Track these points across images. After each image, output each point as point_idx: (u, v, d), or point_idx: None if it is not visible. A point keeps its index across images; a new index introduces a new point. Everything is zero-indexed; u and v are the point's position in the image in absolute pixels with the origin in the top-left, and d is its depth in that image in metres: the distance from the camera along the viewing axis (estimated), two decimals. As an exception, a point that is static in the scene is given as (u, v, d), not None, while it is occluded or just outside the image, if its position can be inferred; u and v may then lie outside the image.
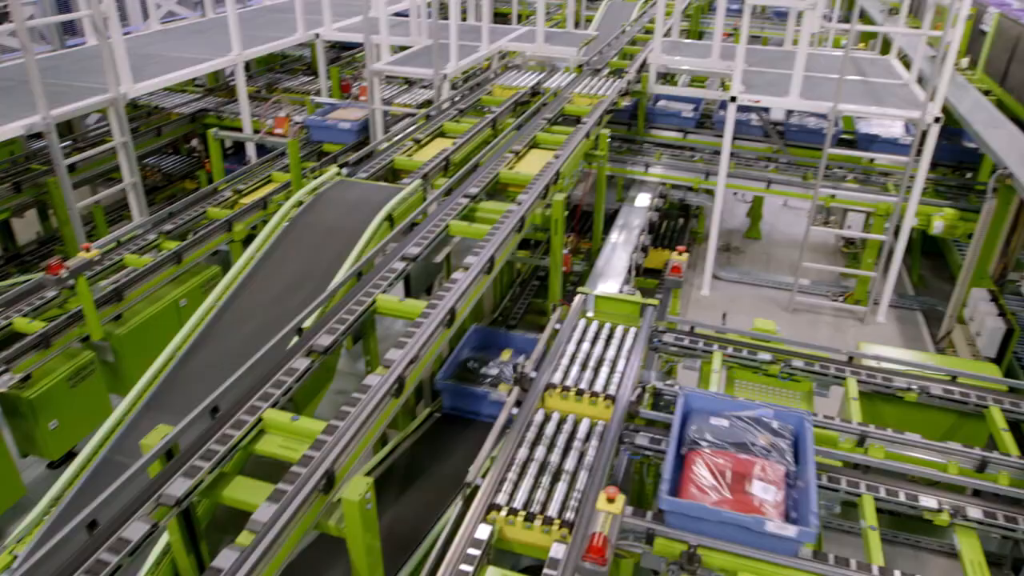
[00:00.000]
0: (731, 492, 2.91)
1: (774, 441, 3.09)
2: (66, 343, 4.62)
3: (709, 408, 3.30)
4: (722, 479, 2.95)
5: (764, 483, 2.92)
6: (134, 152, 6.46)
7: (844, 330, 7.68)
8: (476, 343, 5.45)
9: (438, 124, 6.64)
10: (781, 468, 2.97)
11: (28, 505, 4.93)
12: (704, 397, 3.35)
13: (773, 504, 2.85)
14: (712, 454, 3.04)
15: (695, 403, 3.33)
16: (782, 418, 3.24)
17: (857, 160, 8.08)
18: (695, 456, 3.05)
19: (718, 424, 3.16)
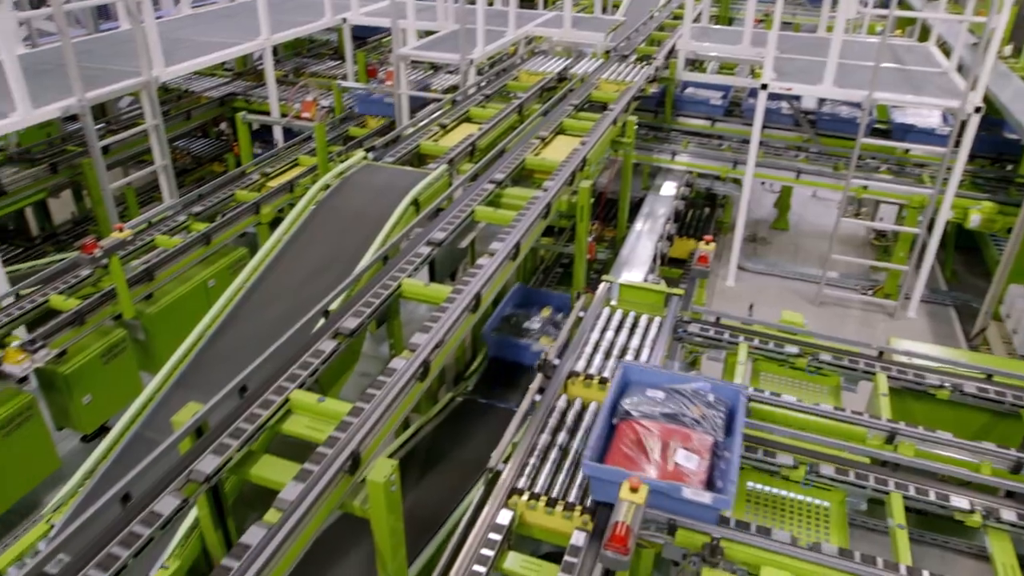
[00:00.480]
0: (655, 460, 2.95)
1: (707, 413, 3.11)
2: (99, 321, 4.72)
3: (647, 380, 3.30)
4: (648, 448, 2.98)
5: (688, 452, 2.96)
6: (165, 135, 6.54)
7: (873, 325, 7.56)
8: (518, 300, 6.14)
9: (464, 109, 6.62)
10: (708, 439, 3.01)
11: (63, 477, 5.08)
12: (643, 370, 3.34)
13: (694, 472, 2.89)
14: (642, 424, 3.06)
15: (633, 375, 3.32)
16: (719, 391, 3.25)
17: (891, 150, 7.90)
18: (625, 426, 3.07)
19: (653, 396, 3.16)
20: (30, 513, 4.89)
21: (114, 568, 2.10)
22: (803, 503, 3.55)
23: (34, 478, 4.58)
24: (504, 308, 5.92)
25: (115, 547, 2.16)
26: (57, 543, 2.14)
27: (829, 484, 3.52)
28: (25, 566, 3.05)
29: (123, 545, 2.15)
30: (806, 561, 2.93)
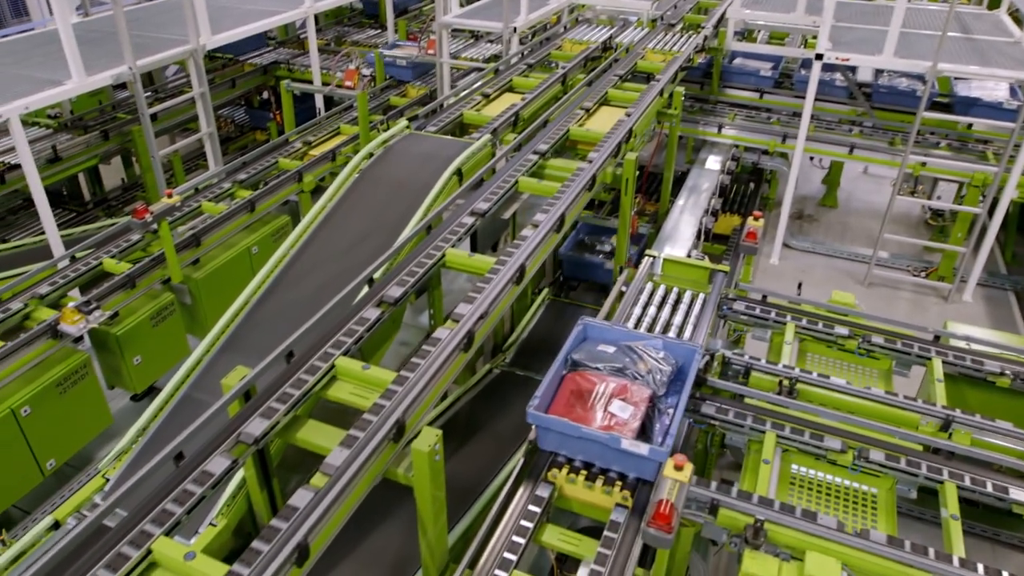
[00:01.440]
0: (594, 410, 2.99)
1: (652, 367, 3.12)
2: (149, 284, 4.82)
3: (603, 337, 3.33)
4: (590, 398, 3.02)
5: (623, 403, 2.99)
6: (211, 102, 6.60)
7: (925, 308, 7.31)
8: (588, 231, 6.79)
9: (507, 79, 6.52)
10: (647, 391, 3.03)
11: (114, 433, 5.27)
12: (601, 327, 3.37)
13: (625, 422, 2.93)
14: (587, 376, 3.09)
15: (592, 332, 3.37)
16: (671, 349, 3.28)
17: (952, 125, 7.55)
18: (572, 377, 3.11)
19: (604, 350, 3.20)
20: (84, 466, 5.09)
21: (168, 524, 2.16)
22: (850, 488, 3.47)
23: (88, 433, 4.74)
24: (577, 234, 6.64)
25: (169, 504, 2.21)
26: (114, 499, 2.20)
27: (878, 470, 3.44)
28: (83, 517, 3.17)
29: (177, 502, 2.20)
30: (853, 548, 2.87)
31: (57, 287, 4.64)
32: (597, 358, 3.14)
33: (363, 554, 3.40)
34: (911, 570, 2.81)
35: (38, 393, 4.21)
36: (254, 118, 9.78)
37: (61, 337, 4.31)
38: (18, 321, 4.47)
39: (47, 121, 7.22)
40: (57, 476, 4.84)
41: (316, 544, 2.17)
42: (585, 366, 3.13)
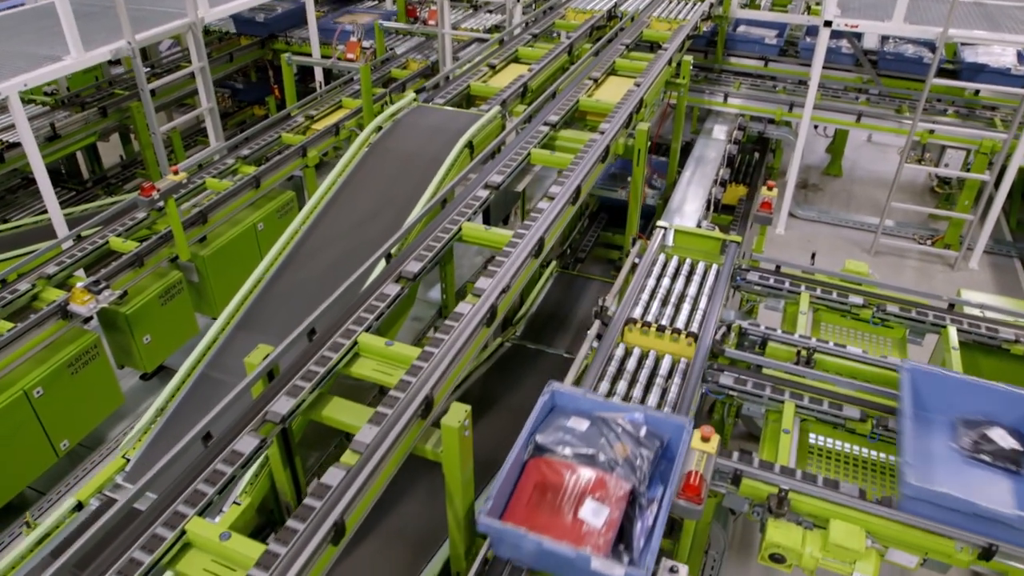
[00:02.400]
0: (562, 513, 2.40)
1: (633, 452, 2.54)
2: (157, 262, 4.77)
3: (575, 407, 2.76)
4: (556, 496, 2.44)
5: (598, 505, 2.40)
6: (211, 77, 6.48)
7: (931, 276, 7.31)
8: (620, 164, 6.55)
9: (512, 49, 6.41)
10: (627, 486, 2.43)
11: (124, 413, 5.26)
12: (572, 396, 2.79)
13: (599, 532, 2.35)
14: (554, 465, 2.50)
15: (561, 401, 2.80)
16: (655, 425, 2.68)
17: (959, 92, 7.48)
18: (537, 464, 2.54)
19: (575, 427, 2.62)
20: (97, 446, 5.09)
21: (201, 504, 2.15)
22: (868, 457, 3.48)
23: (100, 413, 4.73)
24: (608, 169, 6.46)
25: (201, 484, 2.20)
26: (144, 481, 2.19)
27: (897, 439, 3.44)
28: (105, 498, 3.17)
29: (208, 483, 2.19)
30: (876, 515, 2.88)
31: (64, 267, 4.59)
32: (566, 441, 2.56)
33: (385, 530, 3.41)
34: (934, 536, 2.83)
35: (50, 374, 4.18)
36: (245, 93, 9.62)
37: (71, 317, 4.27)
38: (26, 302, 4.43)
39: (44, 98, 7.08)
40: (70, 456, 4.84)
41: (351, 521, 2.16)
42: (552, 452, 2.56)
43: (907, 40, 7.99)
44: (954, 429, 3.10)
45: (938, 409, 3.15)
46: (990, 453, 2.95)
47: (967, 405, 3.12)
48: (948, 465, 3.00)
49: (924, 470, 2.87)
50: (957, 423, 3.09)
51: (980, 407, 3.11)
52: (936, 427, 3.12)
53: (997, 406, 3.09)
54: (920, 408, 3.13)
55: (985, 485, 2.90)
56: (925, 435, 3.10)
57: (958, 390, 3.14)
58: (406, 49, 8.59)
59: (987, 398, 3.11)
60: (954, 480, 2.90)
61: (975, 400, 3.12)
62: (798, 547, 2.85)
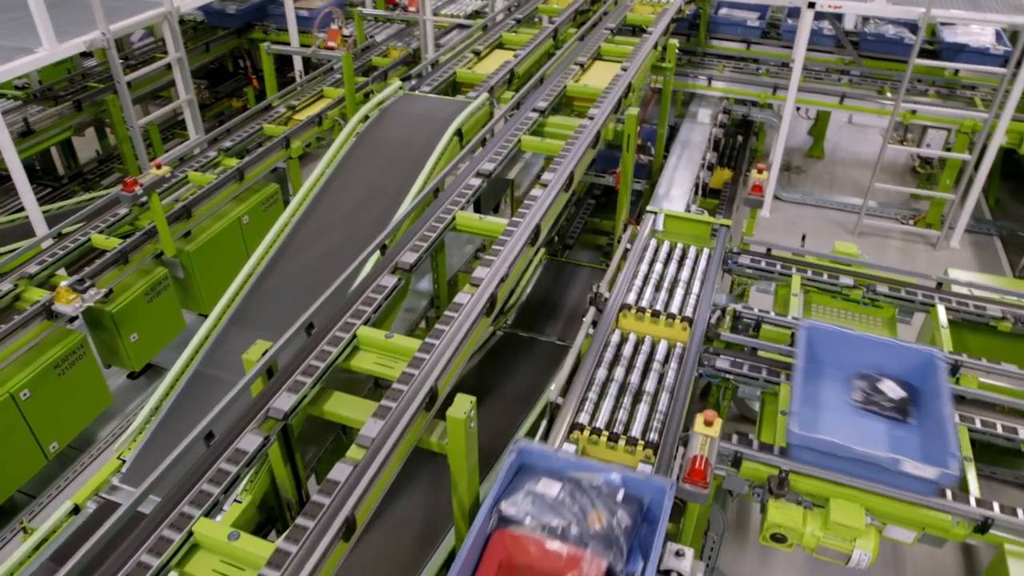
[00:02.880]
0: None
1: (610, 522, 2.27)
2: (142, 259, 4.69)
3: (545, 466, 2.48)
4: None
5: None
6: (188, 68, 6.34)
7: (914, 255, 7.41)
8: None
9: (496, 35, 6.35)
10: (603, 563, 2.19)
11: (113, 413, 5.18)
12: (542, 454, 2.53)
13: None
14: (521, 540, 2.23)
15: (529, 460, 2.51)
16: (632, 487, 2.42)
17: (939, 72, 7.54)
18: (501, 539, 2.27)
19: (545, 492, 2.34)
20: (86, 447, 5.01)
21: (207, 504, 2.11)
22: (862, 435, 3.52)
23: (89, 414, 4.66)
24: None
25: (206, 484, 2.16)
26: (149, 483, 2.15)
27: (891, 416, 3.49)
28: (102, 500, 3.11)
29: (213, 482, 2.16)
30: (875, 493, 2.92)
31: (46, 266, 4.49)
32: (534, 511, 2.27)
33: (387, 522, 3.40)
34: (931, 511, 2.88)
35: (36, 376, 4.10)
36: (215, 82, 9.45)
37: (56, 318, 4.18)
38: (8, 303, 4.33)
39: (14, 93, 6.89)
40: (60, 459, 4.76)
41: (361, 516, 2.15)
42: (519, 523, 2.26)
43: (887, 21, 8.03)
44: (850, 383, 3.23)
45: (837, 365, 3.26)
46: (880, 403, 3.09)
47: (863, 360, 3.24)
48: (840, 416, 3.13)
49: (810, 420, 3.00)
50: (853, 377, 3.22)
51: (874, 361, 3.23)
52: (834, 382, 3.24)
53: (889, 359, 3.22)
54: (820, 364, 3.26)
55: (873, 433, 3.04)
56: (824, 389, 3.23)
57: (854, 346, 3.26)
58: (386, 37, 8.47)
59: (880, 352, 3.24)
60: (844, 429, 3.02)
61: (870, 355, 3.24)
62: (799, 527, 2.88)
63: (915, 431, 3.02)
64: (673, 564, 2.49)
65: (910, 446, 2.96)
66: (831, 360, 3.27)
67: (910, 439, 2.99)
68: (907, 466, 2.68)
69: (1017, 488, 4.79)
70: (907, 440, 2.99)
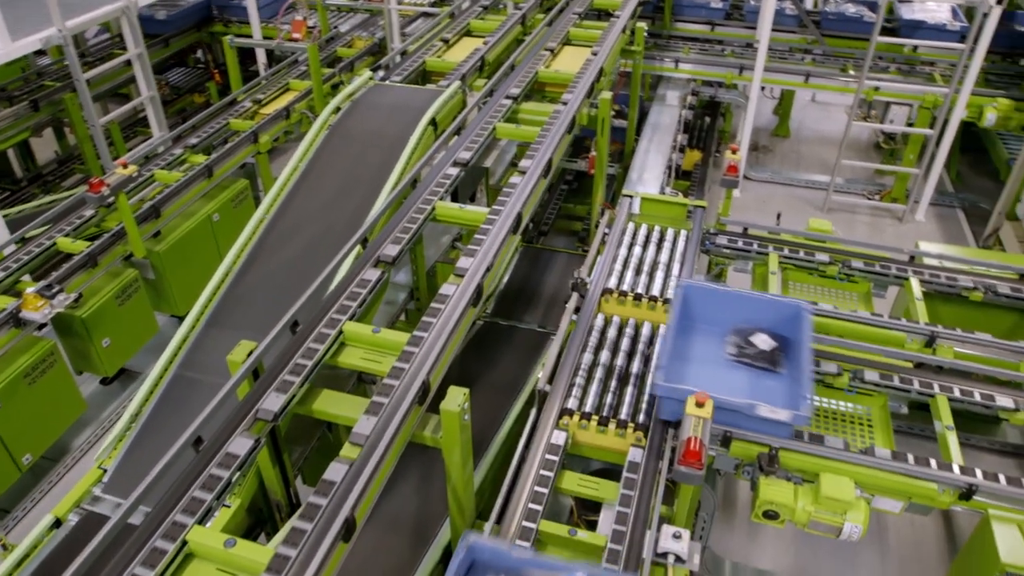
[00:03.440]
0: None
1: None
2: (111, 261, 4.55)
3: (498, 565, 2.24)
4: None
5: None
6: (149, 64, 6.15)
7: (882, 229, 7.56)
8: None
9: (464, 22, 6.27)
10: None
11: (88, 420, 5.05)
12: (493, 551, 2.26)
13: None
14: None
15: (481, 555, 2.25)
16: None
17: (899, 49, 7.67)
18: None
19: None
20: (61, 457, 4.87)
21: (200, 512, 2.06)
22: (846, 410, 3.59)
23: (62, 423, 4.53)
24: None
25: (198, 491, 2.11)
26: (139, 492, 2.08)
27: (872, 390, 3.56)
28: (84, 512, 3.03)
29: (206, 489, 2.10)
30: (862, 465, 2.98)
31: (11, 272, 4.33)
32: None
33: (379, 519, 3.36)
34: (918, 481, 2.95)
35: (6, 386, 3.97)
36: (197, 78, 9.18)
37: (24, 325, 4.04)
38: (-28, 312, 4.17)
39: (-35, 94, 6.63)
40: (34, 471, 4.62)
41: (360, 515, 2.11)
42: None
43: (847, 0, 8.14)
44: (726, 338, 3.32)
45: (714, 321, 3.35)
46: (751, 355, 3.20)
47: (740, 316, 3.33)
48: (713, 368, 3.22)
49: (680, 372, 3.10)
50: (730, 332, 3.32)
51: (749, 316, 3.33)
52: (712, 337, 3.33)
53: (764, 314, 3.31)
54: (700, 321, 3.36)
55: (744, 382, 3.15)
56: (701, 344, 3.33)
57: (731, 303, 3.36)
58: (350, 27, 8.33)
59: (755, 308, 3.33)
60: (715, 381, 3.13)
61: (744, 310, 3.33)
62: (791, 502, 2.92)
63: (784, 379, 3.14)
64: (671, 546, 2.52)
65: (778, 393, 3.07)
66: (710, 317, 3.37)
67: (778, 387, 3.11)
68: (762, 410, 2.78)
69: (992, 454, 4.93)
70: (775, 388, 3.11)
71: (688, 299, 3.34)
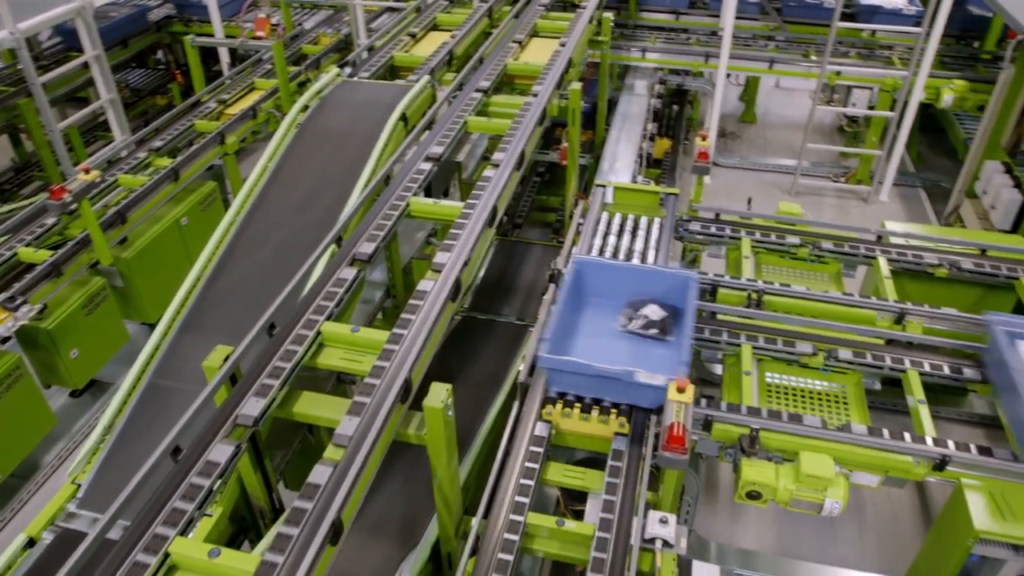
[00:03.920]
0: None
1: None
2: (76, 270, 4.43)
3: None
4: None
5: None
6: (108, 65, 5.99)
7: (848, 210, 7.69)
8: None
9: (430, 16, 6.22)
10: None
11: (58, 435, 4.92)
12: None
13: None
14: None
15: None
16: None
17: (857, 34, 7.81)
18: None
19: None
20: (31, 474, 4.74)
21: (182, 522, 2.02)
22: (821, 389, 3.65)
23: (32, 439, 4.41)
24: None
25: (179, 502, 2.07)
26: (117, 505, 2.03)
27: (846, 367, 3.63)
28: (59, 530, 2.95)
29: (187, 499, 2.06)
30: (840, 442, 3.04)
31: (-30, 286, 4.20)
32: None
33: (365, 520, 3.34)
34: (893, 454, 3.02)
35: (-29, 403, 3.85)
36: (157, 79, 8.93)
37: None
38: (-69, 328, 4.03)
39: (-87, 102, 6.39)
40: (2, 489, 4.50)
41: (346, 518, 2.09)
42: None
43: (808, -15, 8.25)
44: (619, 310, 3.41)
45: (610, 295, 3.42)
46: (642, 325, 3.30)
47: (632, 289, 3.42)
48: (603, 340, 3.29)
49: (566, 345, 3.16)
50: (624, 305, 3.40)
51: (643, 289, 3.42)
52: (606, 310, 3.41)
53: (657, 286, 3.41)
54: (595, 296, 3.43)
55: (630, 352, 3.23)
56: (594, 317, 3.40)
57: (624, 276, 3.45)
58: (315, 24, 8.20)
59: (645, 280, 3.44)
60: (605, 351, 3.19)
61: (638, 283, 3.43)
62: (773, 482, 2.97)
63: (672, 347, 3.23)
64: (658, 531, 2.54)
65: (666, 361, 3.15)
66: (605, 291, 3.43)
67: (667, 355, 3.20)
68: (640, 376, 2.82)
69: (961, 424, 5.06)
70: (664, 356, 3.19)
71: (581, 274, 3.41)
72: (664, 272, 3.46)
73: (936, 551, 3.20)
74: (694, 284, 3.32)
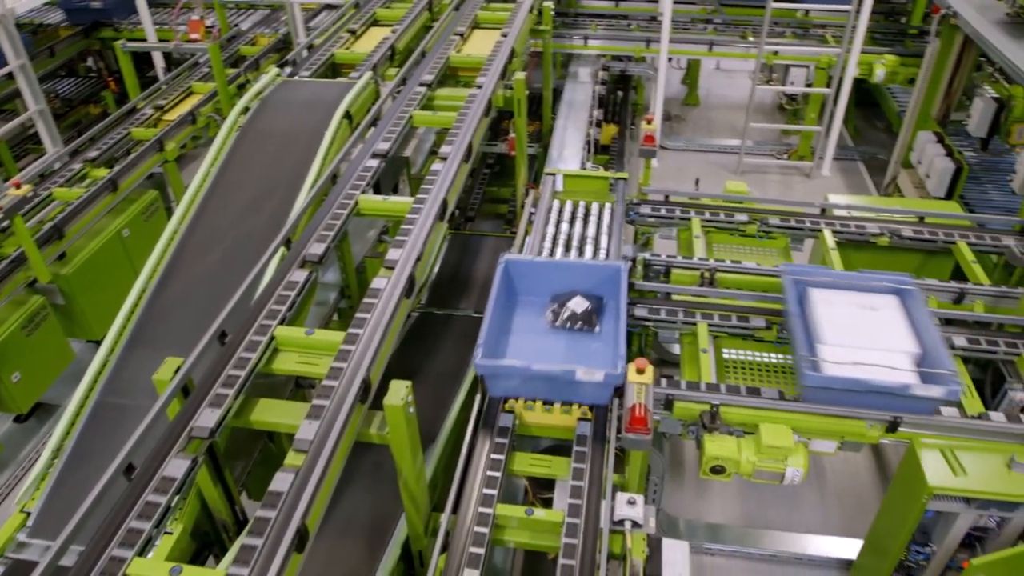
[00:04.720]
0: None
1: None
2: (13, 290, 4.25)
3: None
4: None
5: None
6: (35, 75, 5.73)
7: (792, 186, 7.89)
8: None
9: (370, 12, 6.13)
10: None
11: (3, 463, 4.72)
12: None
13: None
14: None
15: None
16: None
17: (792, 14, 8.00)
18: None
19: None
20: (-23, 506, 4.54)
21: (139, 543, 1.95)
22: (775, 362, 3.73)
23: (-24, 469, 4.22)
24: None
25: (135, 521, 2.00)
26: (70, 529, 1.95)
27: (800, 339, 3.72)
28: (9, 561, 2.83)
29: (143, 518, 1.99)
30: (797, 412, 3.12)
31: (-103, 313, 3.98)
32: None
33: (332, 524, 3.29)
34: (847, 420, 3.11)
35: (-92, 436, 3.65)
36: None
37: (-81, 368, 3.73)
38: None
39: None
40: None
41: (311, 524, 2.05)
42: None
43: (740, -31, 8.40)
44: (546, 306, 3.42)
45: (537, 292, 3.44)
46: (568, 319, 3.31)
47: (560, 284, 3.44)
48: (534, 337, 3.28)
49: (500, 347, 3.16)
50: (549, 300, 3.42)
51: (569, 283, 3.43)
52: (534, 307, 3.42)
53: (583, 279, 3.43)
54: (523, 293, 3.44)
55: (563, 347, 3.22)
56: (523, 316, 3.39)
57: (550, 272, 3.45)
58: (251, 24, 8.00)
59: (571, 274, 3.44)
60: (537, 349, 3.18)
61: (564, 278, 3.44)
62: (735, 455, 3.03)
63: (603, 339, 3.23)
64: (627, 512, 2.57)
65: (598, 354, 3.14)
66: (534, 288, 3.42)
67: (599, 347, 3.19)
68: (580, 373, 2.80)
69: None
70: (597, 349, 3.18)
71: (510, 274, 3.37)
72: (593, 265, 3.44)
73: (893, 510, 3.32)
74: (624, 275, 3.30)
